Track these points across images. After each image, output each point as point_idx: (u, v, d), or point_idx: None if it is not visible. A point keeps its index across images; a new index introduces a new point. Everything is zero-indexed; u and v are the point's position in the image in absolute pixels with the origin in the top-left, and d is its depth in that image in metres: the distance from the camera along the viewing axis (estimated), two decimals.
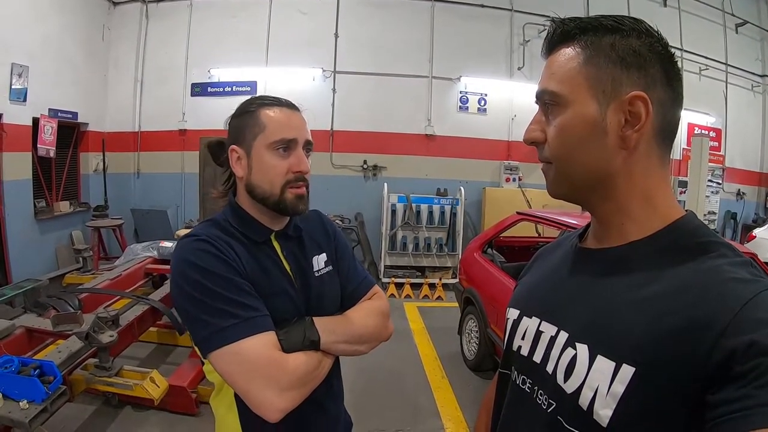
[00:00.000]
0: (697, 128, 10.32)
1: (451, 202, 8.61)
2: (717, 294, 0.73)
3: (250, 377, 1.20)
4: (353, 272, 1.61)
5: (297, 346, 1.29)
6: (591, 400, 0.79)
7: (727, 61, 10.62)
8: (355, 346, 1.45)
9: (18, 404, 2.69)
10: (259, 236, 1.43)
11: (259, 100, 1.43)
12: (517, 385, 1.02)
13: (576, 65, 0.86)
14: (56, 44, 7.75)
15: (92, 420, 3.93)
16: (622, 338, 0.78)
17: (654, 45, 0.84)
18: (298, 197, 1.40)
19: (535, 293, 1.08)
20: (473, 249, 5.42)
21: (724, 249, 0.81)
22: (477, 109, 9.42)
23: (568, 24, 0.88)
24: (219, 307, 1.23)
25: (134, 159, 9.40)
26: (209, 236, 1.34)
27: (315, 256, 1.53)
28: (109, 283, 5.11)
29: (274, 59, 9.04)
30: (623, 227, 0.89)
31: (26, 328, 3.71)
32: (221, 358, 1.22)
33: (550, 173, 0.93)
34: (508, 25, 9.35)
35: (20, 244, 7.24)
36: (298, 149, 1.39)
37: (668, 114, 0.86)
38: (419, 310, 7.31)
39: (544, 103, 0.91)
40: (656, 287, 0.79)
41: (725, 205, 11.02)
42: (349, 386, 4.62)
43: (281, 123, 1.38)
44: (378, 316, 1.53)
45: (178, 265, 1.31)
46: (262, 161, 1.38)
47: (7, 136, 6.79)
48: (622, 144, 0.84)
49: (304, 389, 1.27)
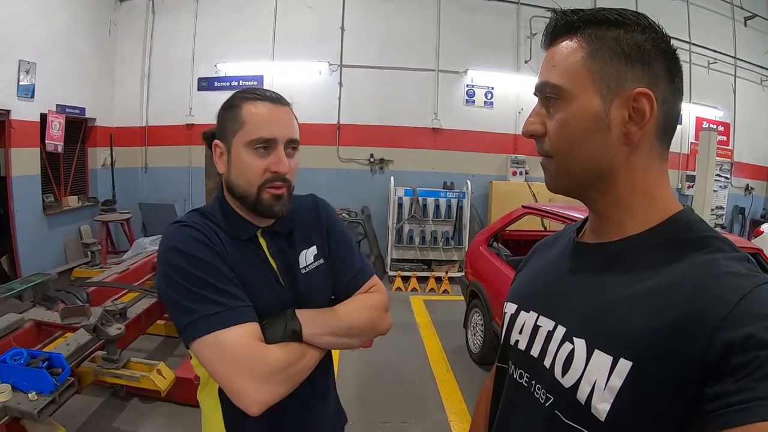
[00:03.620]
0: (705, 122, 10.20)
1: (458, 196, 8.60)
2: (714, 288, 0.73)
3: (231, 367, 1.19)
4: (349, 263, 1.55)
5: (278, 337, 1.27)
6: (589, 395, 0.79)
7: (736, 54, 10.48)
8: (342, 339, 1.41)
9: (27, 396, 2.71)
10: (243, 233, 1.40)
11: (243, 93, 1.40)
12: (514, 380, 1.02)
13: (579, 59, 0.85)
14: (63, 40, 7.77)
15: (100, 411, 3.98)
16: (619, 333, 0.78)
17: (657, 41, 0.84)
18: (275, 197, 1.34)
19: (533, 287, 1.08)
20: (479, 242, 5.42)
21: (721, 244, 0.81)
22: (483, 103, 9.38)
23: (570, 16, 0.87)
24: (203, 293, 1.22)
25: (142, 154, 9.43)
26: (196, 223, 1.33)
27: (303, 251, 1.48)
28: (117, 276, 5.13)
29: (280, 53, 9.03)
30: (621, 222, 0.89)
31: (35, 322, 3.73)
32: (202, 347, 1.21)
33: (551, 167, 0.92)
34: (514, 18, 9.30)
35: (29, 238, 7.28)
36: (279, 148, 1.33)
37: (670, 110, 0.86)
38: (425, 303, 7.33)
39: (544, 96, 0.90)
40: (653, 282, 0.79)
41: (733, 200, 10.91)
42: (355, 379, 4.69)
43: (261, 120, 1.32)
44: (370, 309, 1.49)
45: (164, 252, 1.30)
46: (240, 159, 1.34)
47: (16, 132, 6.83)
48: (624, 140, 0.84)
49: (286, 382, 1.24)
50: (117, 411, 4.00)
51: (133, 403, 4.10)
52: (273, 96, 1.39)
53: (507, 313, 1.09)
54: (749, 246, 3.82)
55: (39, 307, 4.13)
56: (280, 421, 1.39)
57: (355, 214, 8.89)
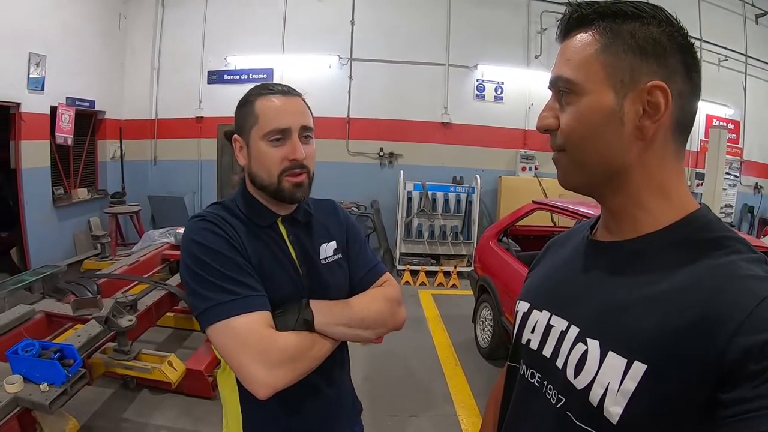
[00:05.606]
0: (715, 120, 10.09)
1: (467, 191, 8.58)
2: (731, 291, 0.71)
3: (241, 352, 1.24)
4: (363, 259, 1.61)
5: (290, 326, 1.32)
6: (601, 397, 0.78)
7: (747, 52, 10.34)
8: (356, 331, 1.44)
9: (39, 387, 2.72)
10: (263, 221, 1.46)
11: (257, 90, 1.46)
12: (525, 379, 1.01)
13: (593, 52, 0.83)
14: (73, 33, 7.77)
15: (110, 402, 4.01)
16: (634, 335, 0.77)
17: (674, 34, 0.82)
18: (296, 185, 1.41)
19: (546, 286, 1.06)
20: (489, 237, 5.41)
21: (739, 245, 0.80)
22: (493, 98, 9.34)
23: (585, 8, 0.85)
24: (217, 283, 1.28)
25: (151, 146, 9.45)
26: (214, 216, 1.40)
27: (324, 244, 1.54)
28: (126, 268, 5.16)
29: (290, 46, 9.02)
30: (636, 220, 0.87)
31: (46, 313, 3.76)
32: (216, 332, 1.27)
33: (563, 162, 0.91)
34: (525, 13, 9.24)
35: (39, 230, 7.31)
36: (293, 137, 1.40)
37: (686, 106, 0.84)
38: (434, 297, 7.32)
39: (558, 90, 0.89)
40: (669, 283, 0.78)
41: (742, 199, 10.80)
42: (364, 372, 4.69)
43: (274, 113, 1.39)
44: (385, 302, 1.52)
45: (184, 243, 1.37)
46: (259, 151, 1.40)
47: (26, 124, 6.84)
48: (638, 134, 0.82)
49: (295, 368, 1.28)
50: (127, 402, 4.02)
51: (143, 395, 4.12)
52: (283, 89, 1.46)
53: (519, 312, 1.08)
54: (760, 245, 3.80)
55: (49, 298, 4.16)
56: (294, 406, 1.44)
57: (365, 207, 8.87)
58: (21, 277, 4.68)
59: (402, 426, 3.94)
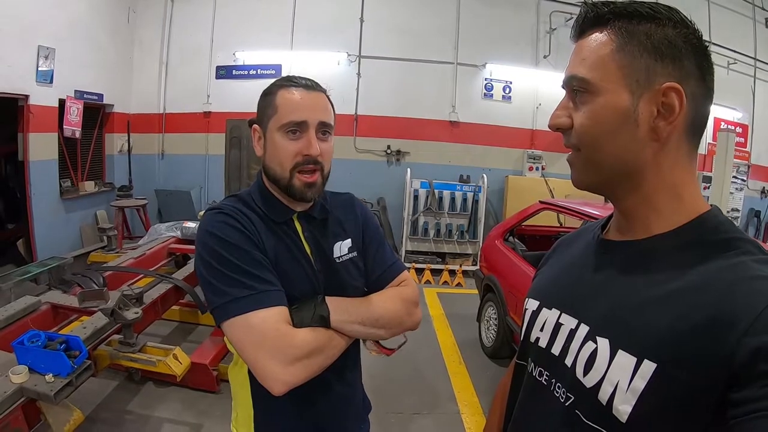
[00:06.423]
0: (723, 123, 9.99)
1: (474, 190, 8.58)
2: (741, 292, 0.71)
3: (258, 348, 1.22)
4: (381, 257, 1.58)
5: (306, 322, 1.29)
6: (611, 396, 0.78)
7: (756, 55, 10.27)
8: (371, 329, 1.41)
9: (44, 378, 2.72)
10: (279, 216, 1.44)
11: (280, 81, 1.44)
12: (533, 377, 1.01)
13: (608, 52, 0.83)
14: (82, 26, 7.79)
15: (115, 394, 4.03)
16: (644, 333, 0.77)
17: (689, 36, 0.82)
18: (307, 185, 1.38)
19: (556, 284, 1.06)
20: (495, 237, 5.40)
21: (749, 246, 0.80)
22: (501, 97, 9.32)
23: (601, 8, 0.85)
24: (235, 277, 1.26)
25: (158, 140, 9.48)
26: (232, 209, 1.37)
27: (338, 242, 1.51)
28: (133, 261, 5.16)
29: (299, 43, 9.02)
30: (648, 220, 0.88)
31: (52, 305, 3.76)
32: (233, 328, 1.25)
33: (577, 162, 0.91)
34: (534, 12, 9.22)
35: (46, 222, 7.35)
36: (310, 132, 1.37)
37: (699, 108, 0.84)
38: (439, 296, 7.32)
39: (572, 89, 0.88)
40: (680, 283, 0.78)
41: (749, 203, 10.69)
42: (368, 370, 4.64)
43: (293, 105, 1.37)
44: (401, 302, 1.49)
45: (201, 236, 1.35)
46: (274, 143, 1.38)
47: (34, 117, 6.88)
48: (653, 135, 0.83)
49: (310, 365, 1.26)
50: (132, 394, 4.04)
51: (147, 387, 4.15)
52: (308, 83, 1.43)
53: (528, 310, 1.08)
54: None
55: (55, 290, 4.17)
56: (306, 402, 1.43)
57: (371, 205, 8.86)
58: (27, 269, 4.70)
59: (405, 424, 3.94)
